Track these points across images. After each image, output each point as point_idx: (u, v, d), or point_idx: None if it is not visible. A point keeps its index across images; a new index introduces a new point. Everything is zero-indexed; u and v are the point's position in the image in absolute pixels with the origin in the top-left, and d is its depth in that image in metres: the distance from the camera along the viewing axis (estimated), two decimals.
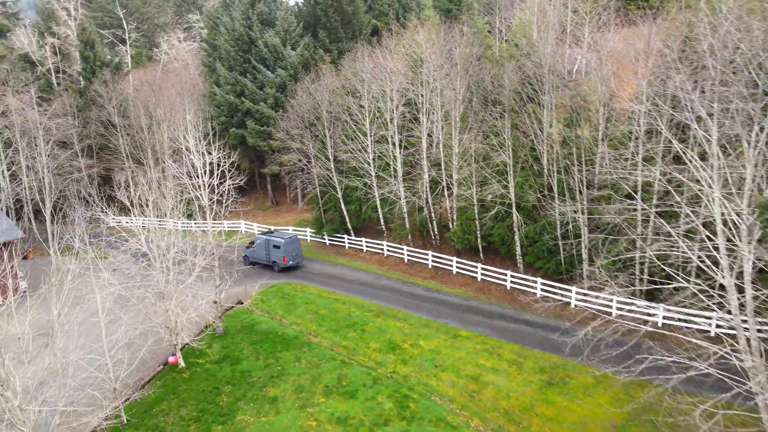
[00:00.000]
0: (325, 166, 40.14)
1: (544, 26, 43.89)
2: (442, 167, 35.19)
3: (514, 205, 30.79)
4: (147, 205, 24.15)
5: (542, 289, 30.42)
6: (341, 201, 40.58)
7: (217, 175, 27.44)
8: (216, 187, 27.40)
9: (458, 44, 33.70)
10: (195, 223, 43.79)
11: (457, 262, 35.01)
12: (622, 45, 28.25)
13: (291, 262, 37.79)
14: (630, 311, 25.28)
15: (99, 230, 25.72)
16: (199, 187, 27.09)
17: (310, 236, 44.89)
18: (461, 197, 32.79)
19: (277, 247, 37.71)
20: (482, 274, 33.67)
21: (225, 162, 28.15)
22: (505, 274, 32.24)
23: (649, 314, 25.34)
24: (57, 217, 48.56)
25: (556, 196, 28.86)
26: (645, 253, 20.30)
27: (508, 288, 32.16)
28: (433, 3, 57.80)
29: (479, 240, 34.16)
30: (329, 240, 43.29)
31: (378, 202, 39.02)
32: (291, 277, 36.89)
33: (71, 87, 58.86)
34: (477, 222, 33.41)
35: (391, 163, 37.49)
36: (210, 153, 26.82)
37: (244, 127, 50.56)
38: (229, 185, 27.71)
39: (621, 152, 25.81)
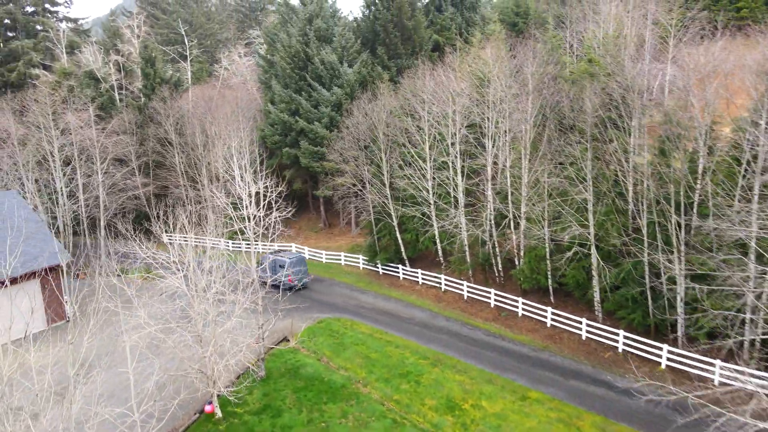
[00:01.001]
0: (380, 192, 37.51)
1: (626, 41, 39.85)
2: (509, 198, 31.80)
3: (593, 246, 26.99)
4: (186, 239, 22.25)
5: (625, 344, 26.42)
6: (396, 229, 37.80)
7: (264, 206, 25.27)
8: (261, 219, 25.22)
9: (530, 62, 30.38)
10: (243, 243, 42.16)
11: (524, 303, 31.42)
12: (730, 62, 24.21)
13: (296, 282, 36.33)
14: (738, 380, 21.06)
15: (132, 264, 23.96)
16: (245, 219, 25.00)
17: (363, 263, 42.31)
18: (531, 235, 29.25)
19: (282, 266, 36.18)
20: (552, 320, 29.93)
21: (272, 191, 25.99)
22: (580, 322, 28.40)
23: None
24: (110, 235, 48.37)
25: (645, 239, 24.89)
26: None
27: (584, 338, 28.28)
28: (499, 16, 54.53)
29: (549, 281, 30.46)
30: (382, 269, 40.56)
31: (437, 233, 35.93)
32: (341, 311, 34.31)
33: (132, 103, 59.34)
34: (548, 261, 29.75)
35: (452, 191, 34.40)
36: (256, 183, 24.70)
37: (297, 147, 48.85)
38: (275, 217, 25.48)
39: (729, 191, 21.74)
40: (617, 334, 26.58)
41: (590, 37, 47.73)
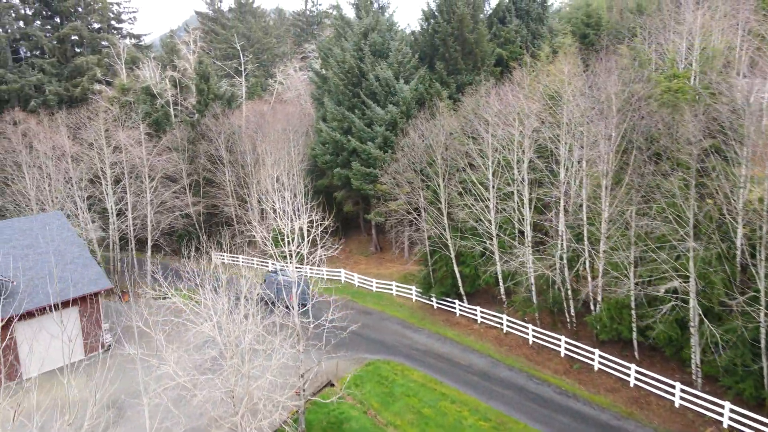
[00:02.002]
0: (436, 221, 34.23)
1: (720, 54, 35.18)
2: (584, 234, 27.84)
3: (692, 299, 22.70)
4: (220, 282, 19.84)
5: (732, 419, 21.93)
6: (454, 262, 34.35)
7: (308, 242, 22.59)
8: (306, 257, 22.55)
9: (615, 80, 26.48)
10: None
11: (600, 356, 27.29)
12: None
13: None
14: None
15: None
16: (287, 256, 22.41)
17: (416, 296, 38.99)
18: (615, 284, 25.18)
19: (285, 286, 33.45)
20: (637, 379, 25.67)
21: (318, 224, 23.34)
22: (673, 386, 24.05)
23: None
24: (155, 256, 47.30)
25: (762, 295, 20.48)
26: None
27: (677, 405, 23.90)
28: (569, 28, 50.40)
29: (634, 333, 26.24)
30: (437, 303, 37.12)
31: (499, 270, 32.21)
32: (392, 353, 31.15)
33: (186, 119, 58.84)
34: (633, 311, 25.57)
35: (518, 224, 30.72)
36: (300, 218, 22.08)
37: (349, 168, 46.31)
38: (320, 255, 22.76)
39: None
40: (722, 406, 22.13)
41: (672, 49, 43.05)
